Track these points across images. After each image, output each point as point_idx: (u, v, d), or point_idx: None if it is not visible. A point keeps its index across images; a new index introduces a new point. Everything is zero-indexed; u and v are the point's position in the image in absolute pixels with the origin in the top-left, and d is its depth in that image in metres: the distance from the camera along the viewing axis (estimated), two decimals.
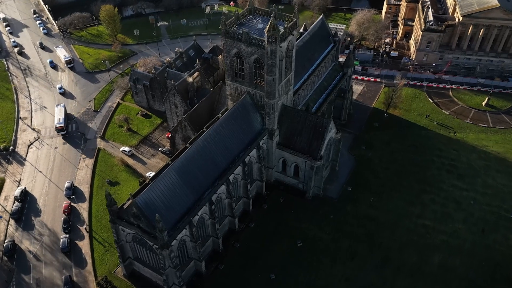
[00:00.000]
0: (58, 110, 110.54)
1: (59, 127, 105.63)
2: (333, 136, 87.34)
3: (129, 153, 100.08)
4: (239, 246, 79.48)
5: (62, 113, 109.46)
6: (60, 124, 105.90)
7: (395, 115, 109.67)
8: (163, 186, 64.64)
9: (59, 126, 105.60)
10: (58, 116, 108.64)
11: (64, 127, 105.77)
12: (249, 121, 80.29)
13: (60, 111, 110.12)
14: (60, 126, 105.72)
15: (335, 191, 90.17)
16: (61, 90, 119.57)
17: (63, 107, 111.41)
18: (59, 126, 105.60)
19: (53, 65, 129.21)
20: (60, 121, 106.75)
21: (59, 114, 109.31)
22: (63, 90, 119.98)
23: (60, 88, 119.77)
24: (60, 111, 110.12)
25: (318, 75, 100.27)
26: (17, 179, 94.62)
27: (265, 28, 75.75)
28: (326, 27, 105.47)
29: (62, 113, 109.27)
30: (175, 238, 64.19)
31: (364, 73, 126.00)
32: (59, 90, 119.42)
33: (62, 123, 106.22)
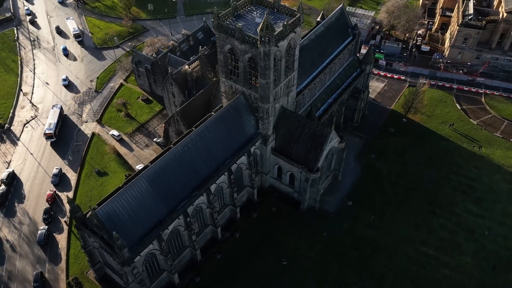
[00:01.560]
0: (53, 112, 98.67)
1: (47, 133, 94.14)
2: (335, 145, 78.83)
3: (117, 138, 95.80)
4: (220, 258, 74.12)
5: (56, 116, 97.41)
6: (50, 131, 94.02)
7: (415, 120, 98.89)
8: (131, 197, 59.27)
9: (48, 132, 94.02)
10: (50, 120, 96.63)
11: (53, 134, 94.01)
12: (240, 124, 72.97)
13: (55, 113, 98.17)
14: (49, 133, 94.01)
15: (333, 204, 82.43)
16: (65, 82, 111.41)
17: (59, 108, 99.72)
18: (47, 133, 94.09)
19: (66, 53, 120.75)
20: (50, 126, 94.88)
21: (52, 117, 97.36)
22: (67, 82, 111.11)
23: (65, 80, 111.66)
24: (55, 113, 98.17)
25: (330, 72, 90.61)
26: (7, 159, 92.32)
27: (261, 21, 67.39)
28: (345, 17, 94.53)
29: (56, 117, 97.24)
30: (139, 254, 59.28)
31: (388, 69, 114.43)
32: (63, 82, 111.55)
33: (52, 130, 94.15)
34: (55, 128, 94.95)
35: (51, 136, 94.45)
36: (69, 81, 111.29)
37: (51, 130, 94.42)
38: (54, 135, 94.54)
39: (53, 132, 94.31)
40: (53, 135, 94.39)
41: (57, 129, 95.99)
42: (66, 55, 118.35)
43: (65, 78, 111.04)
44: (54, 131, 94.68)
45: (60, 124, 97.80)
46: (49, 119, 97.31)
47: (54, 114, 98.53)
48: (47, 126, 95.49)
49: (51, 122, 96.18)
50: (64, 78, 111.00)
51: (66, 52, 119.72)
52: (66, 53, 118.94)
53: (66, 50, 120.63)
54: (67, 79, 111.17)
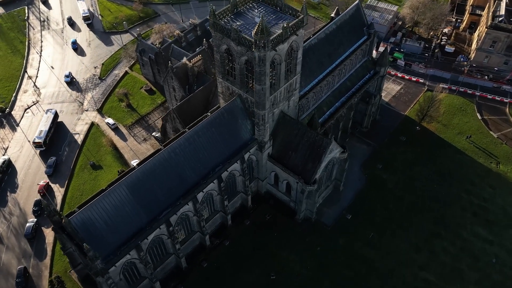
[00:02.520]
0: (46, 118, 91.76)
1: (37, 142, 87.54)
2: (336, 156, 73.83)
3: (112, 126, 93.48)
4: (206, 266, 71.23)
5: (49, 122, 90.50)
6: (39, 139, 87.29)
7: (429, 129, 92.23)
8: (109, 204, 56.42)
9: (37, 141, 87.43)
10: (41, 127, 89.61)
11: (42, 143, 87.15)
12: (235, 129, 68.75)
13: (47, 119, 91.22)
14: (38, 141, 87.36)
15: (331, 217, 77.94)
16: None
17: (53, 113, 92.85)
18: (37, 142, 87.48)
19: (75, 47, 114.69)
20: (40, 134, 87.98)
21: (44, 123, 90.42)
22: (69, 79, 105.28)
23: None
24: (47, 119, 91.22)
25: (340, 74, 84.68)
26: (4, 146, 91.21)
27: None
28: (360, 15, 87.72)
29: (48, 123, 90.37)
30: (114, 265, 56.75)
31: (407, 70, 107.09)
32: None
33: (42, 138, 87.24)
34: (45, 137, 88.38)
35: (40, 145, 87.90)
36: (72, 77, 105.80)
37: (41, 139, 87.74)
38: (43, 144, 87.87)
39: (43, 141, 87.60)
40: (42, 144, 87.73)
41: (48, 138, 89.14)
42: (74, 49, 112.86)
43: (68, 74, 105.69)
44: (44, 139, 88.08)
45: (52, 131, 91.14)
46: (41, 126, 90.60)
47: (47, 120, 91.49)
48: (37, 133, 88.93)
49: (42, 129, 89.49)
50: (67, 74, 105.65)
51: (75, 46, 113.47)
52: (75, 47, 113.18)
53: (76, 44, 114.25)
54: (70, 75, 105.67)
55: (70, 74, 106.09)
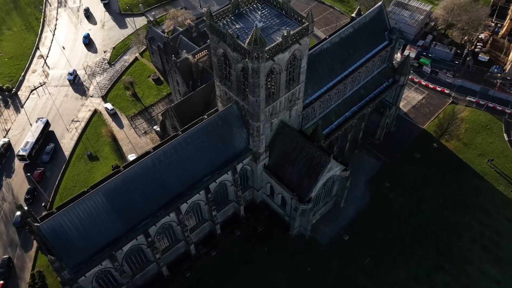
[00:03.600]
0: (35, 127, 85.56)
1: (20, 155, 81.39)
2: (337, 173, 68.53)
3: (111, 111, 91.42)
4: (189, 276, 68.55)
5: (38, 132, 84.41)
6: (24, 152, 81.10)
7: (448, 148, 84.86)
8: (83, 212, 53.85)
9: (21, 154, 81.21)
10: (28, 138, 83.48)
11: (26, 157, 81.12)
12: (229, 137, 64.40)
13: (37, 129, 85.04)
14: (22, 154, 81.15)
15: (327, 235, 73.21)
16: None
17: (44, 123, 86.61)
18: (20, 154, 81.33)
19: (86, 42, 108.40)
20: (26, 146, 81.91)
21: (32, 134, 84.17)
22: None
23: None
24: (37, 129, 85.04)
25: (354, 81, 78.27)
26: (7, 127, 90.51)
27: (263, 27, 57.01)
28: (383, 18, 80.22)
29: (36, 133, 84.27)
30: (84, 275, 54.59)
31: (432, 78, 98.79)
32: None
33: (27, 151, 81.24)
34: (31, 149, 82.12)
35: (24, 158, 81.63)
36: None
37: (25, 151, 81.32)
38: (28, 157, 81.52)
39: (27, 154, 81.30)
40: (27, 158, 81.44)
41: (34, 150, 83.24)
42: (85, 43, 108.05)
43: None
44: (29, 152, 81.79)
45: (40, 142, 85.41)
46: (28, 136, 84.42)
47: (36, 130, 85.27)
48: (23, 145, 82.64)
49: (28, 140, 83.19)
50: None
51: (86, 41, 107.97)
52: (86, 41, 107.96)
53: (87, 38, 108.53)
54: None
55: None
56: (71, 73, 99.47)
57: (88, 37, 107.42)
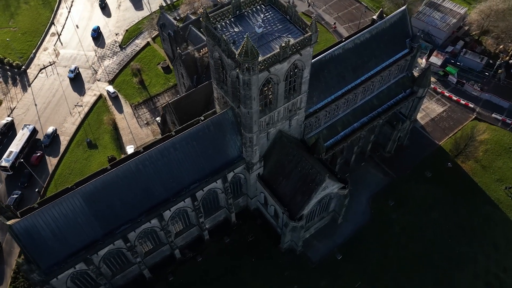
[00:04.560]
0: (20, 135, 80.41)
1: (3, 166, 76.09)
2: (334, 191, 64.35)
3: (113, 95, 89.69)
4: (171, 280, 66.85)
5: (23, 141, 79.40)
6: (6, 163, 75.96)
7: (463, 169, 78.70)
8: (59, 213, 52.21)
9: (3, 165, 76.03)
10: (12, 147, 78.49)
11: (9, 168, 76.00)
12: (221, 144, 61.00)
13: (22, 137, 79.93)
14: (4, 165, 75.98)
15: (319, 252, 69.68)
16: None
17: (30, 130, 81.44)
18: (3, 165, 76.05)
19: (95, 35, 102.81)
20: (9, 157, 76.79)
21: (16, 143, 79.17)
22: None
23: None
24: (22, 137, 79.93)
25: (366, 90, 72.85)
26: (12, 105, 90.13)
27: (263, 33, 52.67)
28: (405, 24, 73.68)
29: (22, 142, 79.36)
30: (56, 277, 53.41)
31: (457, 90, 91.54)
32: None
33: (10, 161, 76.04)
34: (14, 159, 76.82)
35: (7, 169, 76.39)
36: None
37: (8, 162, 76.02)
38: (10, 169, 76.31)
39: (10, 165, 76.03)
40: (9, 169, 76.16)
41: (18, 161, 77.72)
42: (93, 37, 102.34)
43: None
44: (13, 163, 76.49)
45: (25, 151, 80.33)
46: (12, 145, 79.21)
47: (21, 138, 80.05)
48: (6, 155, 77.48)
49: (12, 150, 78.03)
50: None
51: (95, 34, 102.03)
52: (95, 35, 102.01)
53: (96, 32, 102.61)
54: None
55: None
56: (72, 70, 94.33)
57: (97, 30, 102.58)
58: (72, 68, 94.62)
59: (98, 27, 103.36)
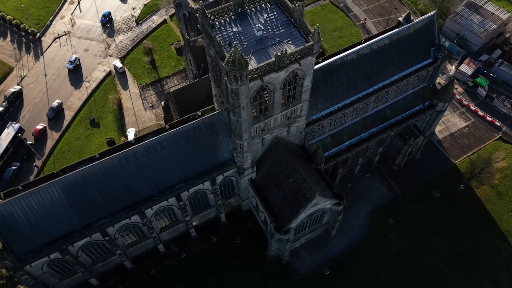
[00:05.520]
0: (5, 135, 76.51)
1: None
2: (327, 206, 60.85)
3: (120, 70, 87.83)
4: (153, 273, 66.10)
5: (7, 141, 75.61)
6: None
7: (476, 193, 73.01)
8: (36, 202, 51.38)
9: None
10: None
11: None
12: (212, 146, 58.13)
13: (7, 136, 75.92)
14: None
15: (307, 264, 66.96)
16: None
17: (16, 130, 77.24)
18: None
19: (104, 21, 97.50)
20: None
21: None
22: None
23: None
24: (7, 136, 75.92)
25: (379, 100, 67.71)
26: (23, 73, 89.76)
27: (262, 37, 48.58)
28: (431, 31, 67.12)
29: (6, 142, 75.57)
30: (30, 264, 53.19)
31: (485, 104, 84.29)
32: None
33: None
34: None
35: None
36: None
37: None
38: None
39: None
40: None
41: (1, 162, 74.25)
42: (103, 23, 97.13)
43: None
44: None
45: (10, 152, 76.39)
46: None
47: (5, 138, 75.88)
48: None
49: None
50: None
51: (104, 20, 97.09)
52: (104, 21, 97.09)
53: (106, 18, 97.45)
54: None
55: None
56: (71, 61, 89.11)
57: (108, 16, 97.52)
58: (72, 59, 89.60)
59: (109, 13, 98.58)
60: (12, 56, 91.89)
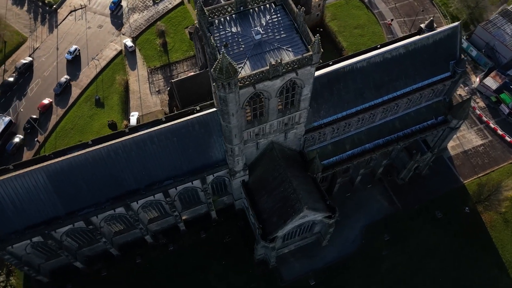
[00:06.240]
0: None
1: None
2: (318, 219, 58.71)
3: (130, 49, 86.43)
4: (138, 262, 66.05)
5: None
6: None
7: (482, 218, 69.17)
8: (21, 186, 51.21)
9: None
10: None
11: None
12: (205, 145, 56.35)
13: None
14: None
15: (293, 272, 65.34)
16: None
17: (5, 123, 75.31)
18: None
19: (113, 7, 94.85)
20: None
21: None
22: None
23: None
24: None
25: (387, 111, 64.17)
26: (35, 45, 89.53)
27: (261, 41, 45.95)
28: (453, 44, 62.36)
29: None
30: (11, 246, 53.58)
31: (506, 122, 79.13)
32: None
33: None
34: None
35: None
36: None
37: None
38: None
39: None
40: None
41: None
42: (112, 9, 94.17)
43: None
44: None
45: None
46: None
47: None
48: None
49: None
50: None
51: (113, 7, 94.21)
52: (113, 8, 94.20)
53: (115, 4, 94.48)
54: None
55: (75, 50, 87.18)
56: (71, 51, 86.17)
57: (117, 2, 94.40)
58: (72, 49, 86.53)
59: (119, 0, 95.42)
60: (27, 26, 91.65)
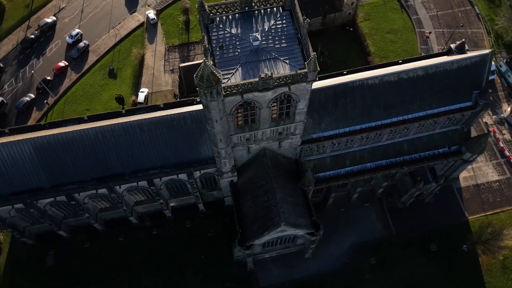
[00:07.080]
0: None
1: None
2: (299, 234, 56.77)
3: (152, 21, 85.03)
4: (121, 241, 66.72)
5: None
6: None
7: (479, 260, 64.82)
8: (7, 154, 51.78)
9: None
10: None
11: None
12: (195, 140, 54.89)
13: None
14: None
15: (270, 279, 64.23)
16: None
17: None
18: None
19: None
20: None
21: None
22: None
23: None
24: None
25: (396, 133, 60.21)
26: (62, 5, 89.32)
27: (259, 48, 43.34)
28: (480, 72, 57.04)
29: None
30: None
31: None
32: None
33: None
34: None
35: None
36: None
37: None
38: None
39: None
40: None
41: None
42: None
43: None
44: None
45: None
46: None
47: None
48: None
49: None
50: None
51: None
52: None
53: None
54: None
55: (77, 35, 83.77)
56: (72, 35, 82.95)
57: None
58: (74, 33, 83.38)
59: None
60: None
